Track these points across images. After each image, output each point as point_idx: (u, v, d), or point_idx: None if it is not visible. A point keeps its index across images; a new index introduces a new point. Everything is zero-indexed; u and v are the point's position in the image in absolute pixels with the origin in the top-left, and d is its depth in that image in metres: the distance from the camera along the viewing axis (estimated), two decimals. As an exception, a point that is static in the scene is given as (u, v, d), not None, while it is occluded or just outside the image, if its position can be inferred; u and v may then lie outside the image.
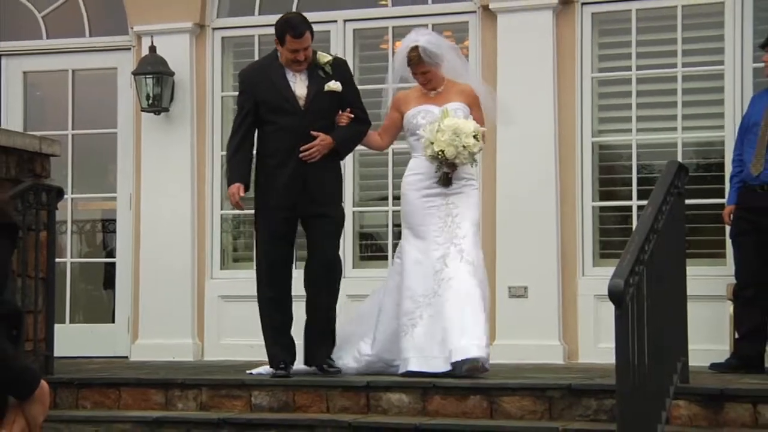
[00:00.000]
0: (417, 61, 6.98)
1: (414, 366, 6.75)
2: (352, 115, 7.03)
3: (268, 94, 6.97)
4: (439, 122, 6.81)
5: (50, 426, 6.92)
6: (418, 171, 7.07)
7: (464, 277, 6.79)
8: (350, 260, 8.86)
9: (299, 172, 6.87)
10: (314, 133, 6.85)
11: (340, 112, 7.04)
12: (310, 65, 6.92)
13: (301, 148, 6.83)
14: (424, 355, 6.78)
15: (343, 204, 7.38)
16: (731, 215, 7.48)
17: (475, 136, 6.77)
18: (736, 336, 7.44)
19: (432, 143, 6.78)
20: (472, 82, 7.31)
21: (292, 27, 6.79)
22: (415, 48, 6.97)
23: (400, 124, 7.18)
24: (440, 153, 6.76)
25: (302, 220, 7.03)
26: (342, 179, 7.36)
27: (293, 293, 7.09)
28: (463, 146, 6.72)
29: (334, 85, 6.92)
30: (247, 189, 6.98)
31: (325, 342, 7.04)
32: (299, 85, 6.95)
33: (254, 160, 7.07)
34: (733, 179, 7.56)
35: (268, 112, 6.97)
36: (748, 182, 7.39)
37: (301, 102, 6.92)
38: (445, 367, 6.70)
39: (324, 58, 6.97)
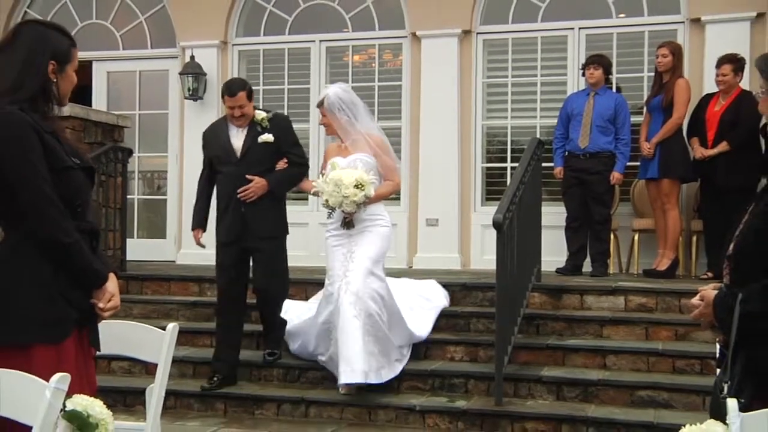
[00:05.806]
0: (319, 106, 5.63)
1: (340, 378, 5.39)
2: (288, 163, 5.73)
3: (214, 148, 5.73)
4: (327, 175, 5.46)
5: (124, 305, 6.75)
6: (332, 218, 5.57)
7: (345, 308, 5.31)
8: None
9: (239, 212, 5.60)
10: (249, 177, 5.57)
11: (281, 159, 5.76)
12: (252, 122, 5.66)
13: (239, 190, 5.58)
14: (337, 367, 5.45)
15: (287, 234, 5.82)
16: (561, 173, 7.44)
17: (357, 186, 5.30)
18: (569, 252, 7.44)
19: (322, 193, 5.42)
20: (372, 131, 5.62)
21: (228, 87, 5.60)
22: (324, 97, 5.58)
23: None
24: (326, 201, 5.40)
25: (250, 252, 5.69)
26: (284, 218, 5.79)
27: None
28: (344, 196, 5.31)
29: (267, 137, 5.62)
30: (204, 231, 5.81)
31: (265, 339, 5.96)
32: (237, 138, 5.65)
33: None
34: (557, 150, 7.46)
35: (216, 162, 5.71)
36: (574, 152, 7.33)
37: (238, 153, 5.63)
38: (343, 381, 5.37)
39: (260, 115, 5.66)
